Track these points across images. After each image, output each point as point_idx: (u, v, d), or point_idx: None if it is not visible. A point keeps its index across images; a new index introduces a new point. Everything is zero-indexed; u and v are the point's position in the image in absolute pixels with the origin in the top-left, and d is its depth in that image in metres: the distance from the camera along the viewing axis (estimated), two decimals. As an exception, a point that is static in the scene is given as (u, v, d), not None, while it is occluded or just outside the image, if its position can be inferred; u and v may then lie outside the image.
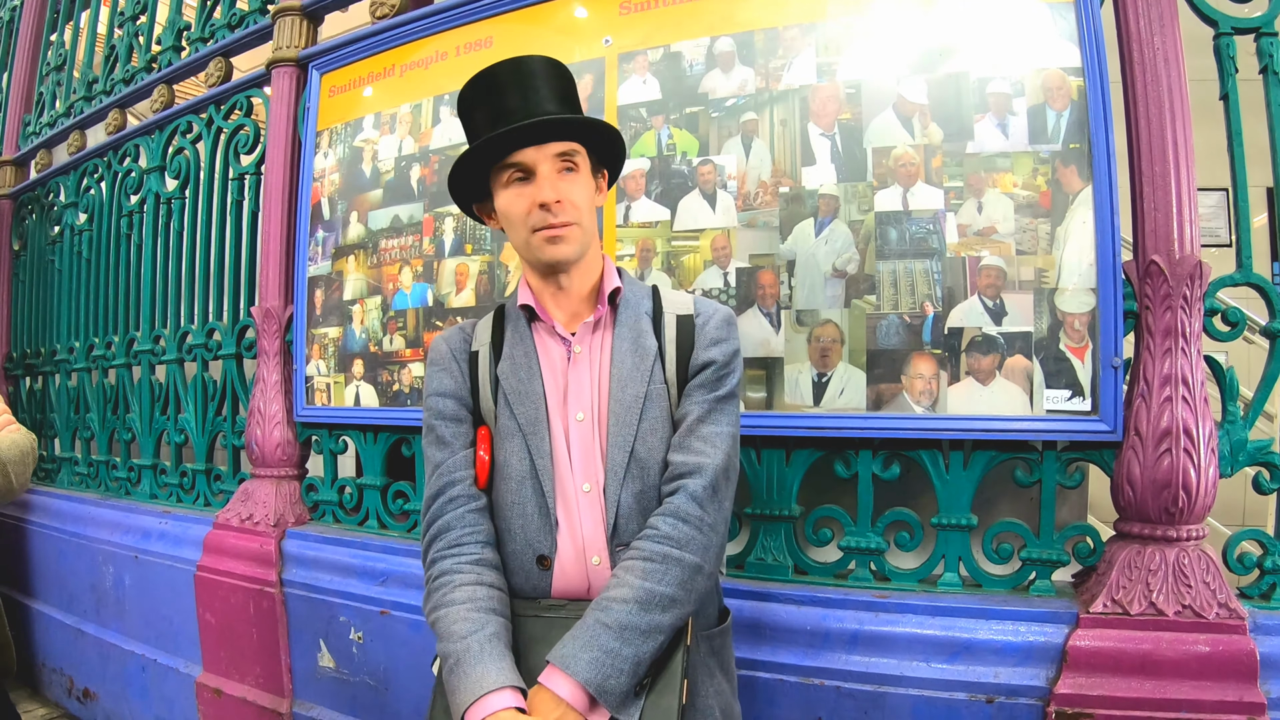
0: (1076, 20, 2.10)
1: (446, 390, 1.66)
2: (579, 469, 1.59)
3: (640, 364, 1.62)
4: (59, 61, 5.07)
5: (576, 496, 1.58)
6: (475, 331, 1.73)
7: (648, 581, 1.44)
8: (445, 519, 1.59)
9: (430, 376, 1.69)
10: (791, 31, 2.36)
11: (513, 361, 1.65)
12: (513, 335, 1.68)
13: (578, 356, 1.64)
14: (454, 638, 1.45)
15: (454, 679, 1.42)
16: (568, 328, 1.67)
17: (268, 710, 3.12)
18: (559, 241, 1.56)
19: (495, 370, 1.66)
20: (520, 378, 1.63)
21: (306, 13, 3.38)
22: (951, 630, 2.10)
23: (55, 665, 4.46)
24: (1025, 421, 2.09)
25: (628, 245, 2.52)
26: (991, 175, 2.14)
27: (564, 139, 1.57)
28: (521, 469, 1.59)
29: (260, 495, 3.27)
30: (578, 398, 1.62)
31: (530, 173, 1.56)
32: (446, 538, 1.58)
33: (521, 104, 1.57)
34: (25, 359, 5.15)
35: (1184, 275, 1.97)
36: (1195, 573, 1.94)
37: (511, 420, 1.61)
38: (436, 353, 1.71)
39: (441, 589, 1.53)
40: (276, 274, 3.33)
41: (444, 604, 1.50)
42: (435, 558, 1.57)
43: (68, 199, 4.76)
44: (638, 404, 1.59)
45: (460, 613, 1.48)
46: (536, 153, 1.55)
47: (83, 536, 4.19)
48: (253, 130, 3.60)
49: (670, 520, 1.50)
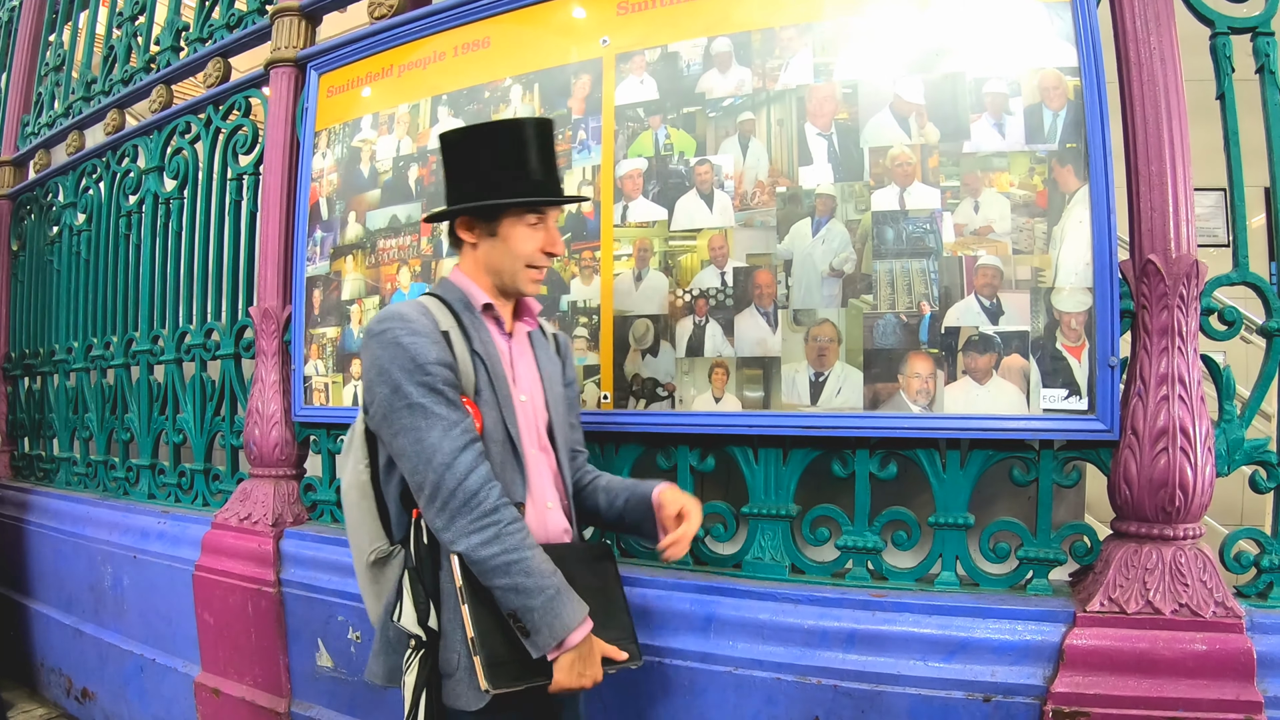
0: (1073, 20, 2.10)
1: (445, 360, 1.81)
2: (529, 437, 1.97)
3: (555, 370, 2.12)
4: (58, 62, 5.08)
5: (531, 457, 1.96)
6: (434, 314, 1.88)
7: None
8: (485, 470, 1.77)
9: (422, 345, 1.79)
10: (788, 32, 2.36)
11: (485, 346, 1.92)
12: (472, 321, 1.93)
13: (517, 352, 2.02)
14: (548, 573, 1.74)
15: (557, 604, 1.72)
16: (507, 328, 2.03)
17: (266, 710, 3.12)
18: (540, 283, 2.01)
19: (474, 348, 1.90)
20: (493, 358, 1.92)
21: (305, 13, 3.38)
22: (948, 629, 2.10)
23: (54, 665, 4.46)
24: (1022, 421, 2.09)
25: (625, 245, 2.52)
26: (988, 175, 2.15)
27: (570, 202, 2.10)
28: (500, 433, 1.89)
29: (259, 495, 3.27)
30: (523, 383, 2.00)
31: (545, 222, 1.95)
32: (497, 487, 1.77)
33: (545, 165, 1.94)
34: (24, 359, 5.15)
35: (1180, 274, 1.97)
36: (1192, 571, 1.94)
37: (492, 393, 1.89)
38: (419, 324, 1.83)
39: (518, 533, 1.75)
40: (275, 274, 3.33)
41: (528, 545, 1.75)
42: (497, 505, 1.75)
43: (66, 199, 4.77)
44: (562, 398, 2.11)
45: (541, 554, 1.76)
46: (555, 210, 2.01)
47: (81, 536, 4.19)
48: (251, 130, 3.60)
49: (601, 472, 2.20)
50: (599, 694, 2.40)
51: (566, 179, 2.64)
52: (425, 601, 1.83)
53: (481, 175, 1.94)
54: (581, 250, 2.60)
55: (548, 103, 2.70)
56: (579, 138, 2.63)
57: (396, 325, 1.80)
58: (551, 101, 2.70)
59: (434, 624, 1.83)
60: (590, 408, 2.56)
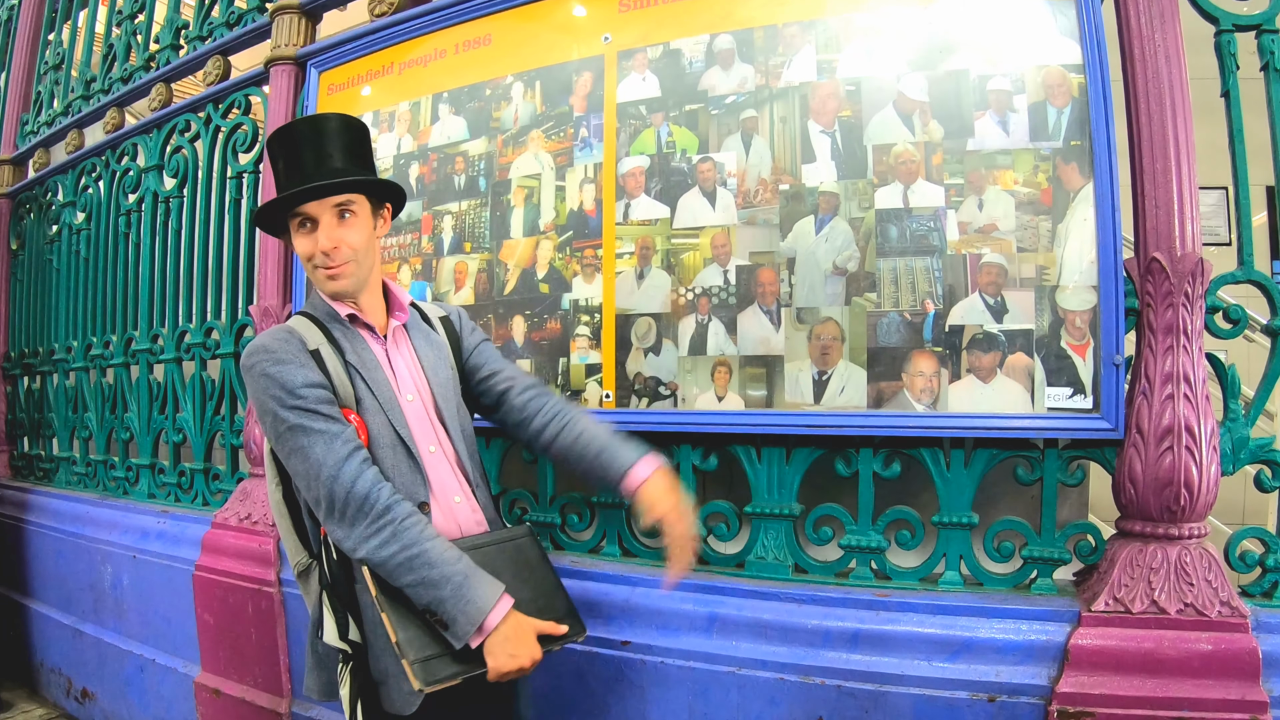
0: (1077, 17, 2.10)
1: (315, 381, 1.82)
2: (422, 436, 1.96)
3: (439, 355, 2.08)
4: (57, 60, 5.06)
5: (428, 456, 1.95)
6: (302, 334, 1.90)
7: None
8: (372, 473, 1.79)
9: (287, 373, 1.81)
10: (791, 29, 2.35)
11: (359, 356, 1.92)
12: (344, 335, 1.94)
13: (394, 353, 2.01)
14: (452, 561, 1.73)
15: (466, 590, 1.71)
16: (380, 331, 2.01)
17: (266, 710, 3.11)
18: (337, 278, 1.90)
19: (345, 359, 1.90)
20: (369, 367, 1.92)
21: (305, 11, 3.37)
22: (953, 629, 2.09)
23: (54, 665, 4.45)
24: (1026, 419, 2.08)
25: (627, 243, 2.52)
26: (992, 172, 2.14)
27: (340, 193, 1.87)
28: (391, 438, 1.89)
29: (259, 494, 3.26)
30: (404, 383, 1.98)
31: (314, 221, 1.87)
32: (386, 487, 1.78)
33: (313, 161, 1.87)
34: (23, 358, 5.14)
35: (1185, 272, 1.96)
36: (1197, 571, 1.93)
37: (374, 400, 1.89)
38: (282, 353, 1.84)
39: (414, 527, 1.75)
40: (275, 272, 3.32)
41: (427, 537, 1.74)
42: (389, 504, 1.75)
43: (66, 198, 4.75)
44: (451, 384, 2.07)
45: (444, 543, 1.76)
46: (318, 206, 1.86)
47: (81, 536, 4.17)
48: (251, 129, 3.59)
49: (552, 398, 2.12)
50: (595, 693, 2.40)
51: (568, 177, 2.64)
52: (344, 615, 1.88)
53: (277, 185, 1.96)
54: (583, 248, 2.60)
55: (549, 100, 2.69)
56: (581, 135, 2.62)
57: (260, 358, 1.84)
58: (553, 99, 2.69)
59: (355, 636, 1.87)
60: (593, 406, 2.55)
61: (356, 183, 1.91)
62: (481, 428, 2.25)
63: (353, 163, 1.92)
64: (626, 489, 1.93)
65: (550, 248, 2.66)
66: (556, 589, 2.01)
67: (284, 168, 1.90)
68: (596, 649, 2.41)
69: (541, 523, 2.71)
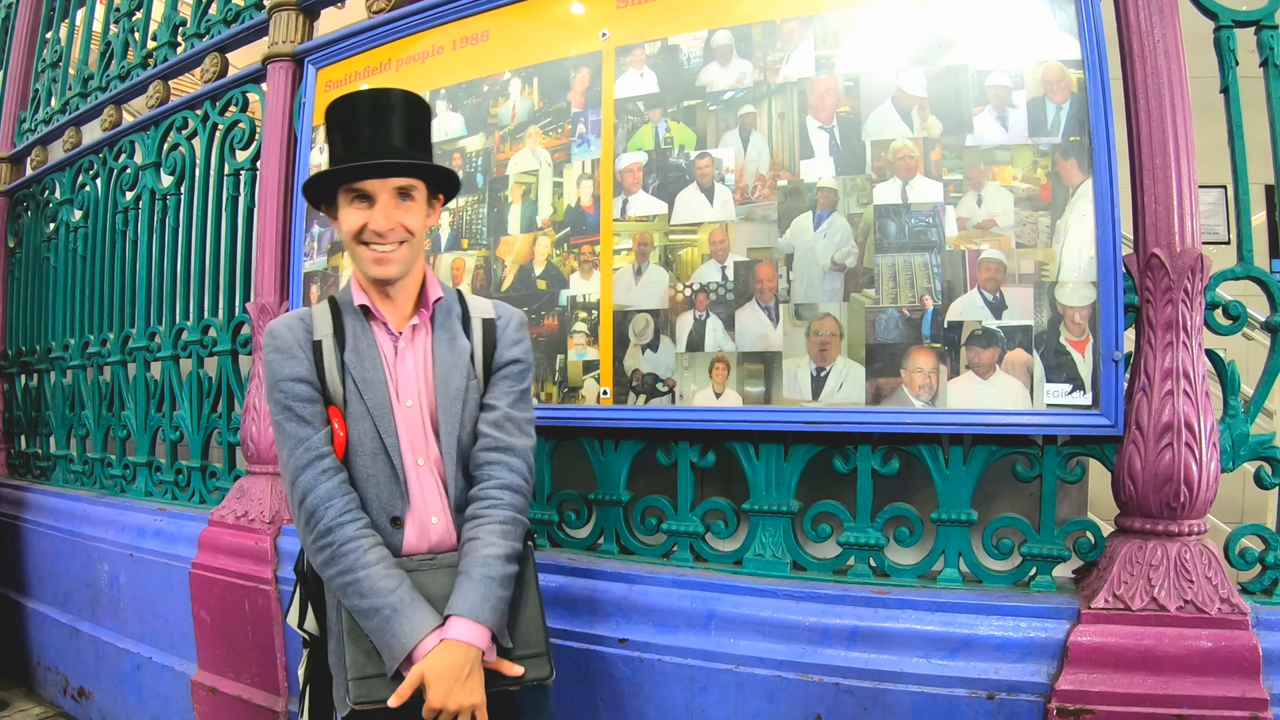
0: (1076, 12, 2.09)
1: (300, 375, 1.81)
2: (413, 446, 1.87)
3: (457, 362, 1.92)
4: (55, 58, 5.06)
5: (414, 469, 1.86)
6: (314, 321, 1.89)
7: (508, 540, 1.81)
8: (325, 488, 1.75)
9: (279, 362, 1.82)
10: (790, 24, 2.35)
11: (358, 353, 1.86)
12: (353, 328, 1.89)
13: (403, 352, 1.90)
14: (384, 592, 1.70)
15: (394, 624, 1.68)
16: (396, 327, 1.92)
17: (263, 709, 3.10)
18: (385, 264, 1.82)
19: (342, 358, 1.85)
20: (366, 367, 1.85)
21: (302, 7, 3.37)
22: (951, 626, 2.08)
23: (50, 664, 4.44)
24: (1026, 416, 2.07)
25: (625, 239, 2.51)
26: (991, 168, 2.13)
27: (408, 174, 1.82)
28: (374, 445, 1.83)
29: (256, 492, 3.25)
30: (406, 387, 1.88)
31: (371, 199, 1.80)
32: (335, 505, 1.75)
33: (372, 137, 1.80)
34: (20, 356, 5.14)
35: (1185, 268, 1.95)
36: (1197, 568, 1.93)
37: (361, 404, 1.83)
38: (282, 340, 1.84)
39: (353, 552, 1.72)
40: (272, 270, 3.31)
41: (362, 565, 1.71)
42: (332, 525, 1.73)
43: (63, 196, 4.75)
44: (460, 396, 1.90)
45: (382, 570, 1.72)
46: (379, 185, 1.80)
47: (78, 534, 4.17)
48: (248, 126, 3.58)
49: (509, 492, 1.87)
50: (592, 691, 2.39)
51: (565, 173, 2.63)
52: (305, 605, 1.95)
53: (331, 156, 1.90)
54: (581, 244, 2.59)
55: (547, 96, 2.69)
56: (579, 131, 2.62)
57: (266, 341, 1.86)
58: (551, 95, 2.68)
59: (312, 628, 1.94)
60: (590, 403, 2.54)
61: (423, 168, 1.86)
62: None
63: (414, 143, 1.86)
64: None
65: (548, 244, 2.65)
66: (532, 621, 1.88)
67: (342, 139, 1.84)
68: (593, 646, 2.40)
69: (539, 520, 2.70)
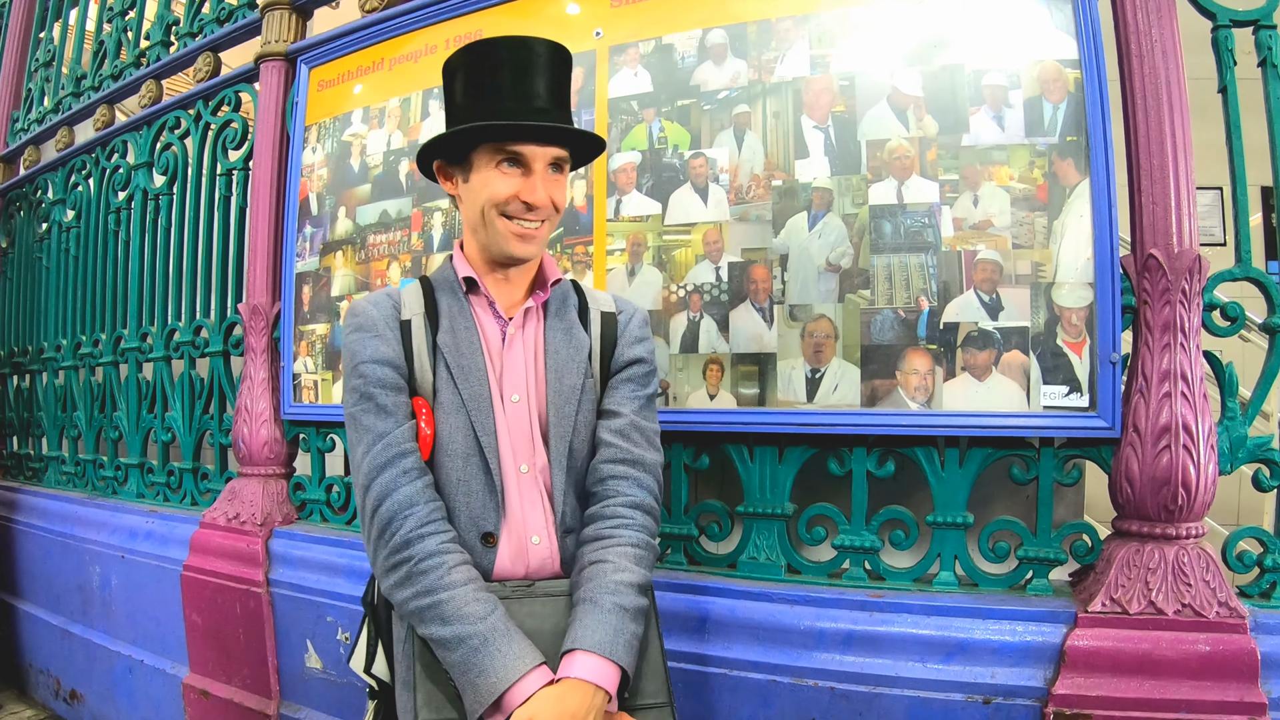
0: (1073, 11, 2.08)
1: (384, 357, 1.59)
2: (515, 450, 1.62)
3: (575, 356, 1.68)
4: (48, 58, 5.05)
5: (516, 476, 1.62)
6: (403, 300, 1.68)
7: (641, 568, 1.57)
8: (406, 492, 1.52)
9: (361, 341, 1.60)
10: (784, 23, 2.33)
11: (454, 334, 1.63)
12: (450, 306, 1.67)
13: (513, 339, 1.67)
14: (471, 619, 1.43)
15: (483, 658, 1.41)
16: (506, 311, 1.69)
17: (254, 712, 3.09)
18: (528, 241, 1.60)
19: (435, 340, 1.63)
20: (464, 352, 1.62)
21: (295, 7, 3.36)
22: (947, 630, 2.07)
23: (42, 666, 4.43)
24: (1022, 418, 2.06)
25: (618, 239, 2.49)
26: (987, 168, 2.12)
27: (564, 145, 1.60)
28: (467, 445, 1.59)
29: (247, 494, 3.24)
30: (513, 379, 1.65)
31: (525, 166, 1.57)
32: (416, 513, 1.51)
33: (526, 91, 1.56)
34: (12, 357, 5.12)
35: (1183, 269, 1.94)
36: (1195, 571, 1.91)
37: (455, 395, 1.60)
38: (366, 317, 1.63)
39: (435, 569, 1.47)
40: (264, 270, 3.30)
41: (445, 585, 1.46)
42: (411, 537, 1.49)
43: (56, 196, 4.73)
44: (575, 395, 1.66)
45: (470, 593, 1.47)
46: (539, 151, 1.57)
47: (69, 536, 4.15)
48: (241, 125, 3.57)
49: (641, 513, 1.64)
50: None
51: (559, 173, 2.60)
52: (373, 643, 1.68)
53: (453, 107, 1.66)
54: (574, 245, 2.57)
55: (540, 96, 2.66)
56: (572, 131, 2.60)
57: (349, 319, 1.66)
58: (544, 95, 2.65)
59: (382, 672, 1.66)
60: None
61: (575, 140, 1.63)
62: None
63: (561, 105, 1.64)
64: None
65: (541, 244, 2.62)
66: (655, 662, 1.61)
67: (479, 94, 1.58)
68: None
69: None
